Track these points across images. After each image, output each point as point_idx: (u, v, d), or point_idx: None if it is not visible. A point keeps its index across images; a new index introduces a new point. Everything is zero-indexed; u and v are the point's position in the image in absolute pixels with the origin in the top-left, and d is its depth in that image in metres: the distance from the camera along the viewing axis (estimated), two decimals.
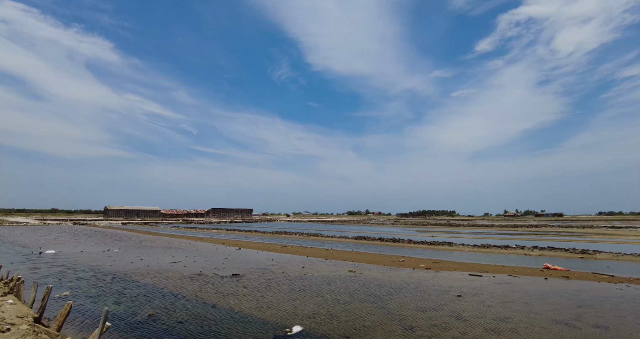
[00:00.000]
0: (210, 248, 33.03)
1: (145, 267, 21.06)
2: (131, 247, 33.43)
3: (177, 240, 42.33)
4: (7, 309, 7.29)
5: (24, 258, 24.61)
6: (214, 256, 27.03)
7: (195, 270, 20.15)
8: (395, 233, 62.75)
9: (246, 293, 14.86)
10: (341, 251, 30.59)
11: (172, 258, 25.22)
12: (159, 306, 12.68)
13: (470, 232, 66.25)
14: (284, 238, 48.19)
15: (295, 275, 19.15)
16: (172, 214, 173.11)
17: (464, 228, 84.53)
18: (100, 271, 19.81)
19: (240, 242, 39.39)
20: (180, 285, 16.23)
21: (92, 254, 27.19)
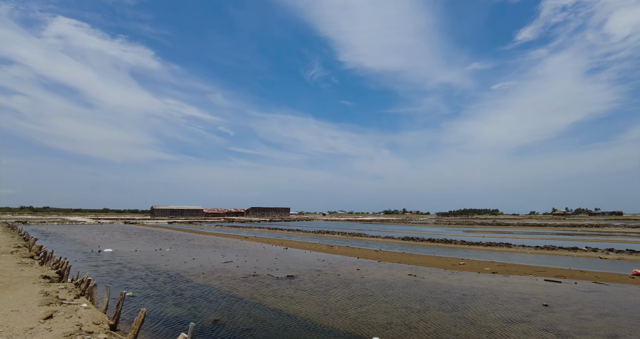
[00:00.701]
0: (257, 247, 32.89)
1: (199, 267, 20.98)
2: (181, 246, 34.06)
3: (222, 239, 42.84)
4: (83, 314, 6.84)
5: (84, 256, 25.54)
6: (263, 255, 26.69)
7: (248, 271, 19.74)
8: (442, 233, 60.03)
9: (306, 296, 14.05)
10: (392, 253, 29.19)
11: (223, 258, 25.14)
12: (220, 309, 12.17)
13: (523, 232, 61.94)
14: (327, 237, 47.42)
15: (351, 277, 18.14)
16: (213, 213, 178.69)
17: (514, 227, 79.51)
18: (156, 270, 19.93)
19: (285, 241, 39.07)
20: (237, 287, 15.76)
21: (145, 253, 27.82)
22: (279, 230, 62.66)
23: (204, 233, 55.84)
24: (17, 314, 6.76)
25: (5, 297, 8.23)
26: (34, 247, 18.95)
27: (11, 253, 17.15)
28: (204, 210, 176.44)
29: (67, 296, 8.80)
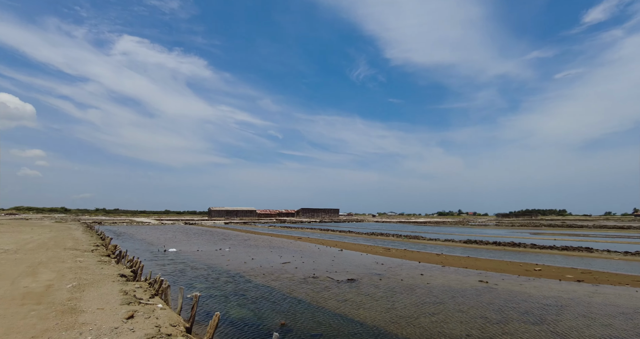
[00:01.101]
0: (312, 248, 32.79)
1: (259, 267, 21.20)
2: (239, 246, 35.02)
3: (277, 239, 43.48)
4: (160, 315, 6.81)
5: (151, 255, 27.06)
6: (319, 257, 26.43)
7: (307, 272, 19.51)
8: (506, 235, 55.83)
9: (370, 302, 13.38)
10: (456, 257, 27.44)
11: (281, 258, 25.27)
12: (284, 312, 11.94)
13: (602, 235, 55.56)
14: (381, 239, 46.19)
15: (416, 283, 17.12)
16: (266, 214, 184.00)
17: (588, 230, 71.85)
18: (218, 270, 20.42)
19: (339, 243, 38.62)
20: (298, 288, 15.53)
21: (207, 253, 28.89)
22: (331, 231, 62.42)
23: (259, 233, 57.28)
24: (102, 312, 6.85)
25: (91, 294, 8.50)
26: (110, 246, 20.31)
27: (92, 252, 18.44)
28: (257, 211, 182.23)
29: (143, 295, 8.97)
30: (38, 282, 9.95)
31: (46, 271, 11.95)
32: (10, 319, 6.71)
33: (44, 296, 8.33)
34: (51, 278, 10.52)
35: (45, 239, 25.47)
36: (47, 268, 12.63)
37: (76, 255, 16.86)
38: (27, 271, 11.87)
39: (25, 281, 10.15)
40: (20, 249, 18.63)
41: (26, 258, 15.17)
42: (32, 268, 12.32)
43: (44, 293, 8.59)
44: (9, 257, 15.20)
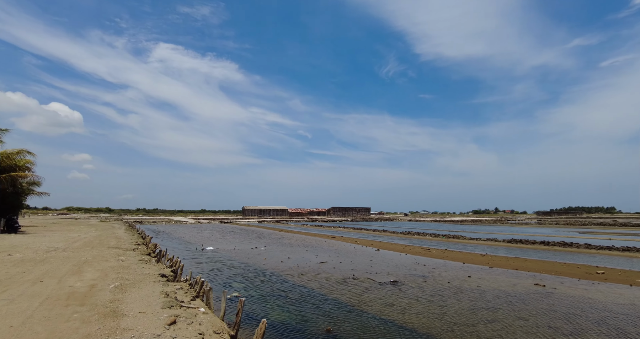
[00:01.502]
0: (347, 247, 32.02)
1: (296, 267, 20.73)
2: (273, 244, 34.89)
3: (311, 238, 43.07)
4: (203, 320, 6.33)
5: (190, 254, 27.37)
6: (355, 257, 25.62)
7: (346, 273, 18.78)
8: (552, 235, 52.31)
9: (419, 306, 12.44)
10: (502, 257, 25.69)
11: (317, 258, 24.71)
12: (327, 315, 11.28)
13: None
14: (417, 239, 44.60)
15: (465, 286, 15.92)
16: (297, 213, 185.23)
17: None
18: (255, 269, 20.14)
19: (374, 242, 37.58)
20: (338, 290, 14.84)
21: (243, 251, 28.89)
22: (364, 230, 61.30)
23: (292, 231, 57.23)
24: (144, 316, 6.44)
25: (133, 295, 8.19)
26: (150, 245, 20.56)
27: (133, 250, 18.68)
28: (289, 210, 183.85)
29: (184, 297, 8.59)
30: (82, 281, 9.85)
31: (90, 270, 11.97)
32: (54, 321, 6.44)
33: (87, 297, 8.11)
34: (95, 278, 10.43)
35: (91, 238, 26.37)
36: (92, 266, 12.69)
37: (119, 253, 17.08)
38: (73, 269, 11.92)
39: (70, 280, 10.10)
40: (68, 247, 19.20)
41: (73, 256, 15.46)
42: (78, 267, 12.39)
43: (88, 294, 8.38)
44: (58, 255, 15.56)
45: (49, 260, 13.85)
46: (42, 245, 19.87)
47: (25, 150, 33.26)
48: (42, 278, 10.35)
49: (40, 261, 13.44)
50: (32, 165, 35.00)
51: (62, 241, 22.45)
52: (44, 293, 8.63)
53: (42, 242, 21.36)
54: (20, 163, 33.35)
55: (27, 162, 34.60)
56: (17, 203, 34.99)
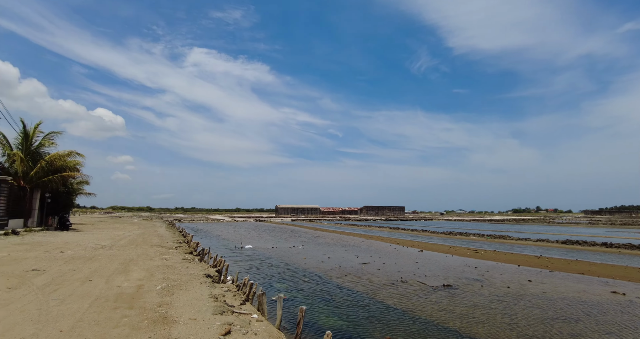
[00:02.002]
0: (387, 248, 30.83)
1: (338, 267, 19.93)
2: (310, 243, 34.34)
3: (347, 237, 42.17)
4: (258, 329, 5.65)
5: (229, 252, 27.35)
6: (399, 258, 24.44)
7: (392, 275, 17.74)
8: (610, 235, 48.12)
9: (482, 314, 11.22)
10: (562, 260, 23.53)
11: (358, 258, 23.79)
12: (381, 320, 10.36)
13: None
14: (460, 239, 42.46)
15: (528, 291, 14.42)
16: (329, 211, 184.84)
17: None
18: (297, 269, 19.53)
19: (415, 242, 36.06)
20: (389, 294, 13.86)
21: (282, 250, 28.52)
22: (402, 230, 59.49)
23: (327, 230, 56.59)
24: (196, 324, 5.85)
25: (181, 298, 7.68)
26: (192, 243, 20.52)
27: (175, 249, 18.65)
28: (321, 209, 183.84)
29: (234, 301, 8.02)
30: (129, 281, 9.55)
31: (137, 269, 11.75)
32: (104, 326, 6.00)
33: (135, 299, 7.71)
34: (141, 278, 10.12)
35: (135, 236, 26.96)
36: (137, 265, 12.51)
37: (162, 252, 17.04)
38: (119, 268, 11.77)
39: (118, 279, 9.85)
40: (114, 245, 19.50)
41: (119, 254, 15.52)
42: (124, 266, 12.24)
43: (135, 295, 7.98)
44: (105, 253, 15.69)
45: (97, 258, 13.92)
46: (90, 242, 20.37)
47: (75, 151, 34.82)
48: (91, 277, 10.20)
49: (89, 259, 13.51)
50: (81, 166, 36.60)
51: (108, 239, 23.00)
52: (92, 293, 8.36)
53: (90, 240, 21.97)
54: (70, 164, 34.93)
55: (77, 162, 36.21)
56: (68, 202, 36.82)
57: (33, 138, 33.25)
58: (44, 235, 24.47)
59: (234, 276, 11.38)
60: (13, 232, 23.06)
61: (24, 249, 16.27)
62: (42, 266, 11.73)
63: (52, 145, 34.46)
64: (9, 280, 9.67)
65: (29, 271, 10.81)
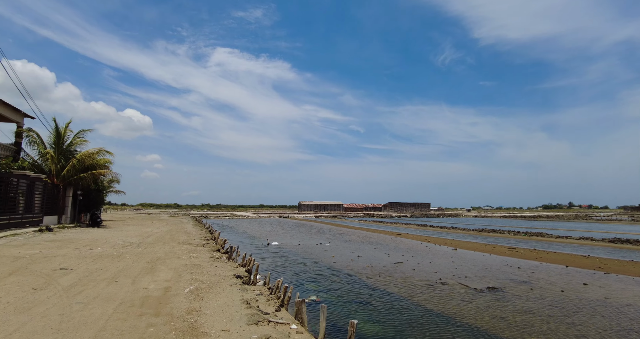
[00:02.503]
0: (419, 246, 29.53)
1: (370, 267, 18.96)
2: (336, 241, 33.49)
3: (374, 235, 41.04)
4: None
5: (255, 248, 26.90)
6: (433, 257, 23.18)
7: (429, 276, 16.60)
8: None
9: (541, 323, 9.97)
10: (616, 261, 21.58)
11: (389, 257, 22.73)
12: (425, 327, 9.33)
13: None
14: (494, 237, 40.48)
15: (587, 297, 12.96)
16: (352, 208, 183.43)
17: None
18: (326, 268, 18.69)
19: (448, 240, 34.50)
20: (429, 297, 12.79)
21: (308, 247, 27.83)
22: (430, 227, 57.65)
23: (352, 227, 55.59)
24: (229, 336, 5.05)
25: (211, 304, 6.96)
26: (219, 240, 20.09)
27: (203, 246, 18.23)
28: (344, 205, 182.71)
29: (268, 307, 7.24)
30: (156, 282, 8.96)
31: (164, 268, 11.23)
32: (127, 337, 5.27)
33: (162, 304, 7.04)
34: (168, 278, 9.54)
35: (163, 232, 26.94)
36: (165, 264, 12.01)
37: (190, 250, 16.61)
38: (146, 267, 11.27)
39: (145, 280, 9.30)
40: (142, 242, 19.31)
41: (146, 252, 15.16)
42: (151, 265, 11.75)
43: (162, 299, 7.32)
44: (133, 251, 15.38)
45: (125, 256, 13.58)
46: (119, 239, 20.30)
47: (104, 149, 35.35)
48: (118, 277, 9.72)
49: (117, 257, 13.18)
50: (110, 164, 37.21)
51: (136, 236, 22.96)
52: (118, 296, 7.79)
53: (119, 237, 21.97)
54: (100, 162, 35.55)
55: (106, 160, 36.82)
56: (99, 199, 37.58)
57: (64, 137, 34.00)
58: (76, 231, 24.80)
59: (266, 277, 10.66)
60: (47, 229, 23.44)
61: (55, 246, 16.24)
62: (70, 265, 11.42)
63: (82, 143, 35.18)
64: (37, 279, 9.33)
65: (57, 270, 10.49)
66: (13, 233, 20.22)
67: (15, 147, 31.58)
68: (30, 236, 19.87)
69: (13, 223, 22.15)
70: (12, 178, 22.28)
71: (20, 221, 22.97)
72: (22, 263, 11.46)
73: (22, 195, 23.29)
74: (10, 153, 30.49)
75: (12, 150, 30.86)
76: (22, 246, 15.56)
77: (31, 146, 32.10)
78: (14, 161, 26.38)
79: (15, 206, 22.69)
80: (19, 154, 31.50)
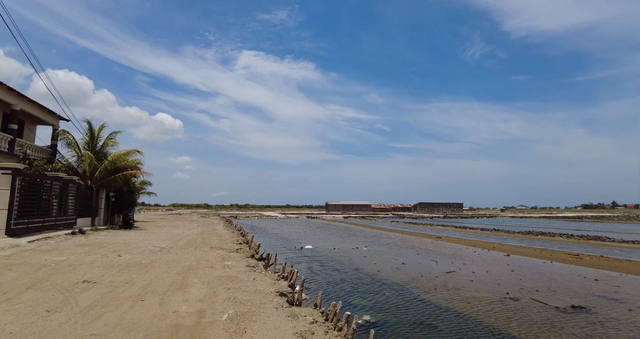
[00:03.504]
0: (464, 251, 27.03)
1: (420, 277, 16.91)
2: (373, 244, 31.48)
3: (411, 238, 38.66)
4: None
5: (289, 251, 25.43)
6: (487, 264, 20.76)
7: (493, 288, 14.38)
8: None
9: None
10: None
11: (437, 265, 20.53)
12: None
13: None
14: (542, 240, 37.09)
15: None
16: (381, 208, 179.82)
17: None
18: (370, 277, 16.75)
19: (495, 245, 31.68)
20: (506, 319, 10.63)
21: (345, 252, 26.03)
22: (470, 229, 54.35)
23: (385, 229, 53.25)
24: None
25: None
26: (253, 245, 18.72)
27: (237, 251, 16.91)
28: (372, 205, 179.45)
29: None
30: (188, 303, 7.53)
31: (196, 282, 9.84)
32: None
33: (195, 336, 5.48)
34: (202, 297, 8.10)
35: (194, 235, 26.06)
36: (197, 276, 10.62)
37: (223, 256, 15.28)
38: (177, 280, 9.89)
39: (175, 299, 7.87)
40: (173, 247, 18.25)
41: (177, 259, 13.92)
42: (182, 277, 10.39)
43: (196, 330, 5.83)
44: (163, 257, 14.17)
45: (154, 265, 12.36)
46: (149, 243, 19.40)
47: (135, 150, 35.06)
48: (144, 294, 8.36)
49: (145, 267, 11.97)
50: (141, 165, 37.00)
51: (167, 240, 22.08)
52: (142, 322, 6.36)
53: (149, 240, 21.14)
54: (131, 163, 35.37)
55: (137, 161, 36.64)
56: (131, 201, 37.49)
57: (97, 138, 34.04)
58: (107, 234, 24.27)
59: (315, 296, 9.00)
60: (80, 231, 23.02)
61: (84, 251, 15.35)
62: (95, 276, 10.24)
63: (114, 144, 35.13)
64: (54, 296, 8.12)
65: (79, 283, 9.31)
66: (45, 236, 19.75)
67: (51, 149, 31.84)
68: (62, 240, 19.31)
69: (47, 225, 21.80)
70: (46, 180, 21.95)
71: (54, 223, 22.64)
72: (45, 273, 10.41)
73: (55, 197, 22.97)
74: (46, 155, 30.70)
75: (48, 152, 31.09)
76: (51, 252, 14.76)
77: (67, 148, 32.28)
78: (48, 163, 26.28)
79: (48, 209, 22.36)
80: (54, 156, 31.72)
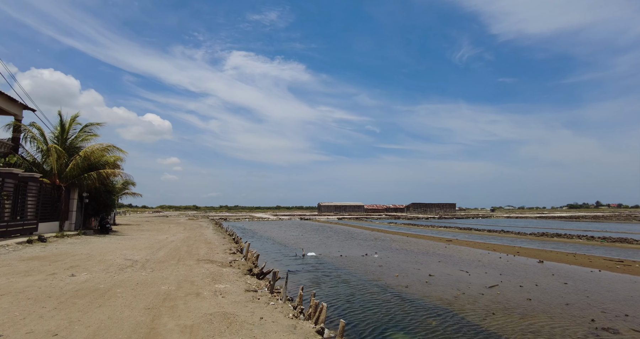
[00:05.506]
0: (486, 256, 23.83)
1: (460, 294, 13.47)
2: (382, 250, 28.11)
3: (420, 241, 35.46)
4: None
5: (290, 261, 21.86)
6: (530, 275, 17.51)
7: (566, 312, 11.05)
8: None
9: None
10: None
11: (470, 276, 17.12)
12: None
13: None
14: (559, 242, 34.31)
15: None
16: (374, 209, 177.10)
17: None
18: (400, 297, 13.23)
19: (518, 248, 28.62)
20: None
21: (354, 260, 22.58)
22: (475, 231, 51.54)
23: (385, 231, 50.03)
24: None
25: None
26: (250, 255, 15.10)
27: (230, 265, 13.33)
28: (365, 206, 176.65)
29: None
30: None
31: (172, 328, 6.10)
32: None
33: None
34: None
35: (178, 242, 22.29)
36: (174, 315, 6.94)
37: (213, 274, 11.64)
38: (141, 325, 6.13)
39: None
40: (149, 259, 14.50)
41: (151, 280, 10.20)
42: (151, 317, 6.68)
43: None
44: (131, 278, 10.42)
45: (115, 292, 8.70)
46: (120, 255, 15.64)
47: (114, 145, 31.07)
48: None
49: (102, 296, 8.31)
50: (122, 161, 33.01)
51: (145, 248, 18.31)
52: None
53: (123, 249, 17.37)
54: (109, 160, 31.39)
55: (118, 158, 32.66)
56: (109, 202, 33.37)
57: (69, 131, 29.98)
58: (74, 242, 20.36)
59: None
60: (40, 239, 19.12)
61: (26, 269, 11.54)
62: (7, 322, 6.52)
63: (91, 138, 31.12)
64: None
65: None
66: None
67: (12, 143, 27.60)
68: (9, 251, 15.40)
69: None
70: None
71: (5, 230, 18.64)
72: None
73: (7, 197, 18.99)
74: (6, 149, 26.51)
75: (8, 146, 26.85)
76: None
77: (30, 142, 28.14)
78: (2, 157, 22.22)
79: None
80: (17, 151, 27.52)
